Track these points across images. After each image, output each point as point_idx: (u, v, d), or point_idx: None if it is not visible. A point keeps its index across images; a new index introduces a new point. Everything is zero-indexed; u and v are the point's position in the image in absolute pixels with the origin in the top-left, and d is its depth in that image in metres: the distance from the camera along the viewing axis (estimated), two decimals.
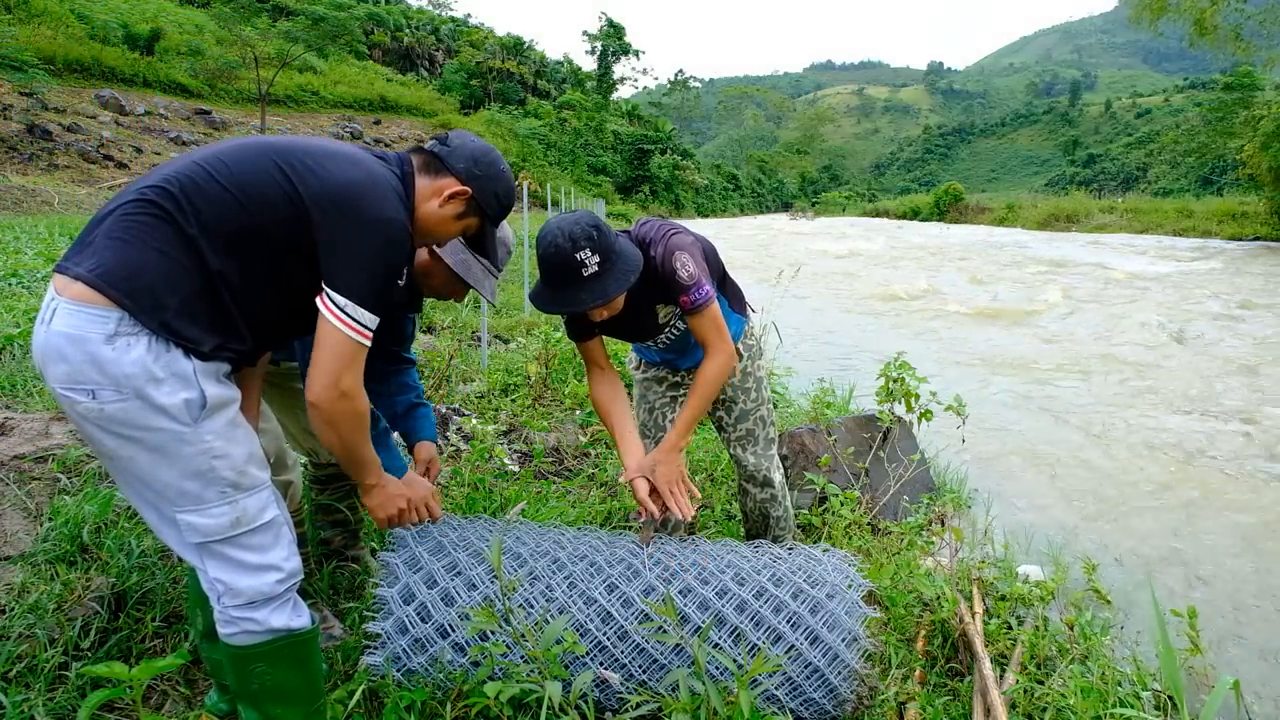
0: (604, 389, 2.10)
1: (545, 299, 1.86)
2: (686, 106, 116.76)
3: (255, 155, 1.35)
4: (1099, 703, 1.88)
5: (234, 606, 1.36)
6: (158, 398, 1.23)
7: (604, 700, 1.73)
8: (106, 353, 1.20)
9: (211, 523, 1.32)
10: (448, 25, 62.76)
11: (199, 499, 1.30)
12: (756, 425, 2.38)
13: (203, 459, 1.29)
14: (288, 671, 1.43)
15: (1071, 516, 3.85)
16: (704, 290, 1.94)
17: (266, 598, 1.37)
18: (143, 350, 1.22)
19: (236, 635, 1.38)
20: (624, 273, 1.83)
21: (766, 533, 2.49)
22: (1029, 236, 29.21)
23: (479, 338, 6.09)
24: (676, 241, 1.95)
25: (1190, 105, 77.59)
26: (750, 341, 2.37)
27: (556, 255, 1.78)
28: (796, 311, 10.59)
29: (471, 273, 1.94)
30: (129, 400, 1.22)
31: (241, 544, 1.35)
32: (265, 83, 28.13)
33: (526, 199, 8.85)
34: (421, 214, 1.53)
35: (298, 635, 1.42)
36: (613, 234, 1.86)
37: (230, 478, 1.32)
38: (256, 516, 1.36)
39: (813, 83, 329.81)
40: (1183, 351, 7.80)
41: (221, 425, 1.32)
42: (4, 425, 2.68)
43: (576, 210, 1.89)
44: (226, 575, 1.35)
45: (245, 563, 1.36)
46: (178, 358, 1.26)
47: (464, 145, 1.57)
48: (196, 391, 1.27)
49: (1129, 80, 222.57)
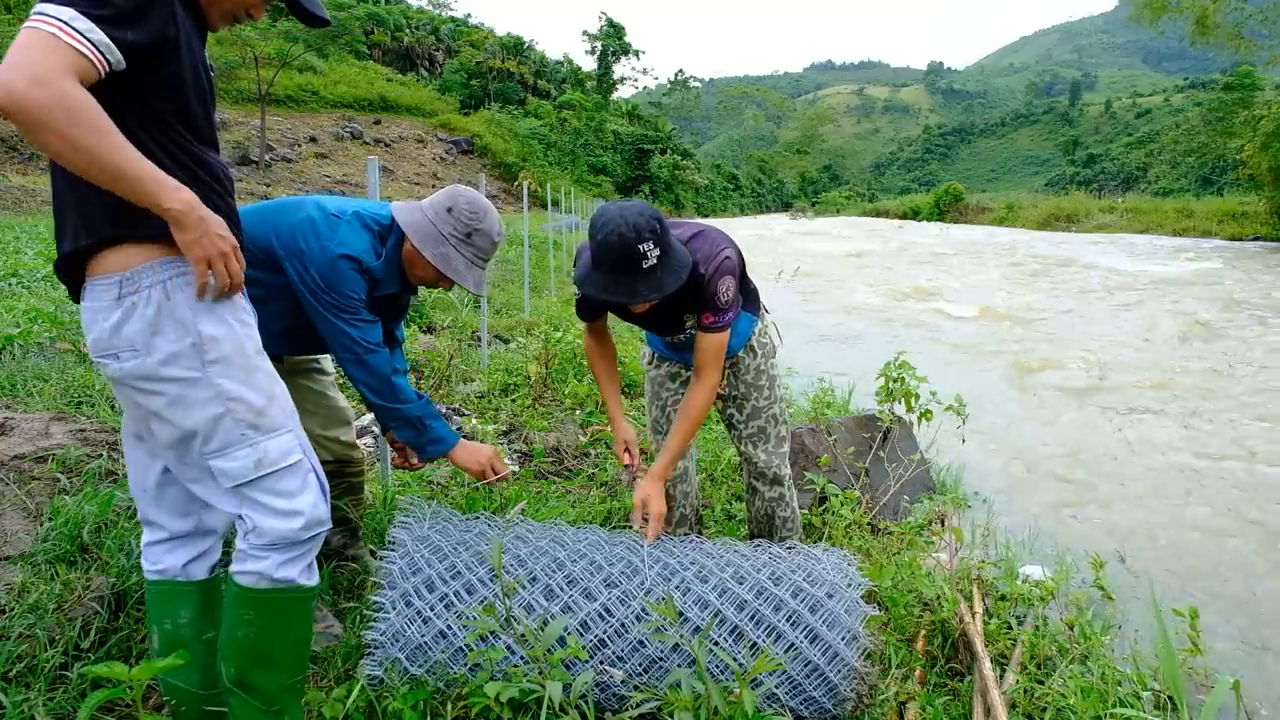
0: (598, 347, 2.30)
1: (599, 285, 1.83)
2: (686, 106, 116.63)
3: None
4: (1099, 703, 1.88)
5: (256, 545, 1.38)
6: (164, 346, 1.29)
7: (604, 700, 1.73)
8: (116, 315, 1.28)
9: (236, 465, 1.35)
10: (448, 25, 62.77)
11: (222, 442, 1.34)
12: (769, 423, 2.38)
13: (218, 402, 1.32)
14: (277, 631, 1.43)
15: (1072, 516, 3.85)
16: (727, 318, 2.00)
17: (289, 542, 1.39)
18: (144, 305, 1.28)
19: (244, 574, 1.39)
20: (678, 269, 1.84)
21: (772, 535, 2.46)
22: (1029, 236, 29.21)
23: (479, 338, 6.10)
24: (727, 265, 1.97)
25: (1190, 105, 77.62)
26: (764, 339, 2.37)
27: (621, 243, 1.74)
28: (797, 311, 10.59)
29: (452, 265, 1.92)
30: (141, 355, 1.29)
31: (266, 487, 1.38)
32: (265, 82, 28.15)
33: (527, 198, 8.85)
34: None
35: (303, 590, 1.44)
36: (669, 229, 1.87)
37: (249, 419, 1.35)
38: (280, 459, 1.38)
39: (813, 83, 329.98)
40: (1184, 352, 7.81)
41: (235, 369, 1.34)
42: (4, 425, 2.68)
43: (631, 200, 1.87)
44: (257, 515, 1.38)
45: (272, 507, 1.38)
46: (178, 305, 1.29)
47: None
48: (195, 334, 1.30)
49: (1129, 80, 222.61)
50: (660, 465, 2.04)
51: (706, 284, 1.96)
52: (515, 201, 32.50)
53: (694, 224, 2.09)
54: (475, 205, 1.95)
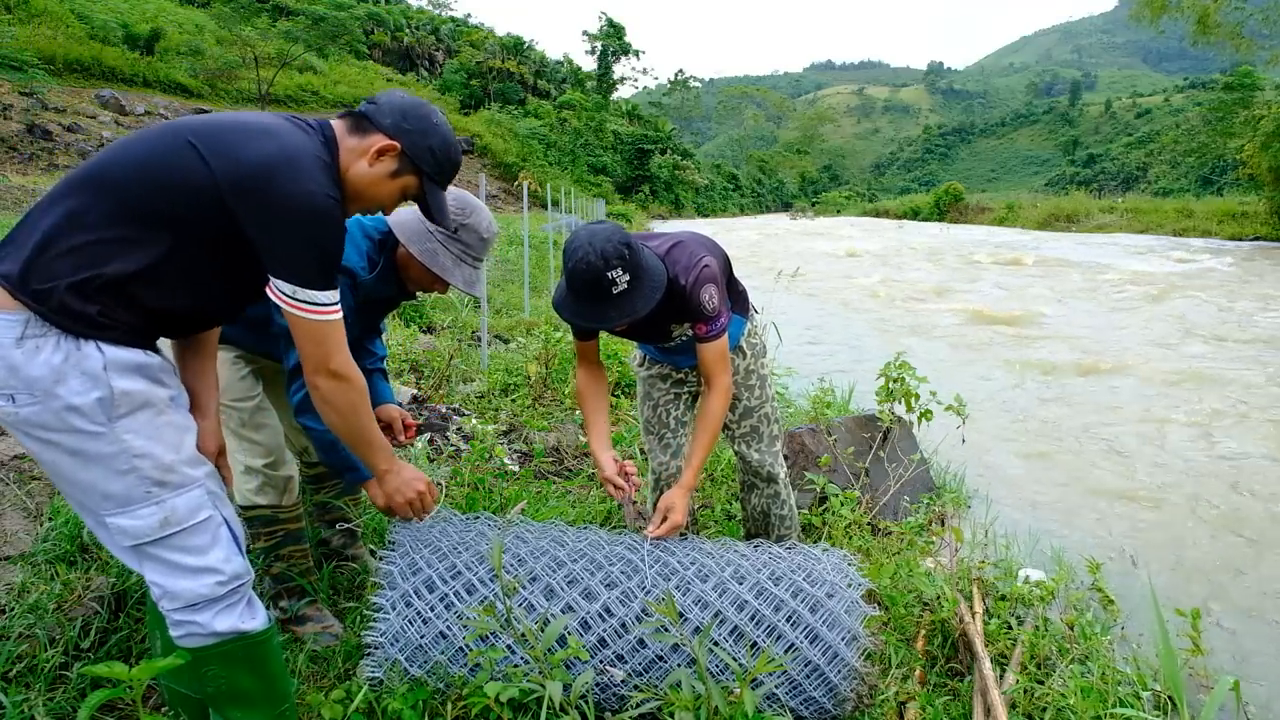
0: (590, 383, 2.22)
1: (572, 310, 1.89)
2: (686, 106, 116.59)
3: (170, 137, 1.29)
4: (1099, 703, 1.88)
5: (174, 610, 1.33)
6: (67, 397, 1.21)
7: (604, 700, 1.73)
8: (16, 356, 1.19)
9: (139, 524, 1.28)
10: (448, 25, 62.77)
11: (124, 500, 1.27)
12: (761, 422, 2.40)
13: (122, 459, 1.25)
14: (243, 674, 1.39)
15: (1072, 516, 3.84)
16: (720, 323, 2.02)
17: (207, 600, 1.33)
18: (49, 350, 1.20)
19: (184, 638, 1.35)
20: (651, 290, 1.87)
21: (769, 533, 2.49)
22: (1030, 236, 29.20)
23: (479, 338, 6.10)
24: (707, 274, 1.99)
25: (1190, 105, 77.61)
26: (754, 340, 2.40)
27: (588, 272, 1.77)
28: (797, 311, 10.59)
29: (438, 260, 1.90)
30: (41, 402, 1.21)
31: (174, 545, 1.31)
32: (265, 83, 28.15)
33: (526, 199, 8.86)
34: (351, 177, 1.44)
35: (249, 638, 1.38)
36: (641, 250, 1.89)
37: (155, 476, 1.28)
38: (188, 517, 1.31)
39: (813, 83, 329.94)
40: (1185, 352, 7.80)
41: (142, 423, 1.27)
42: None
43: (604, 222, 1.88)
44: (162, 578, 1.31)
45: (180, 565, 1.31)
46: (88, 356, 1.22)
47: (391, 100, 1.49)
48: (106, 389, 1.23)
49: (1129, 80, 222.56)
50: (688, 476, 2.05)
51: (689, 295, 1.97)
52: (515, 201, 32.47)
53: (672, 234, 2.11)
54: (461, 201, 1.95)
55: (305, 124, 1.42)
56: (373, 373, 2.13)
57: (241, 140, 1.30)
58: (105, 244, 1.23)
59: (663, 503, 2.00)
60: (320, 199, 1.32)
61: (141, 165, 1.26)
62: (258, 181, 1.27)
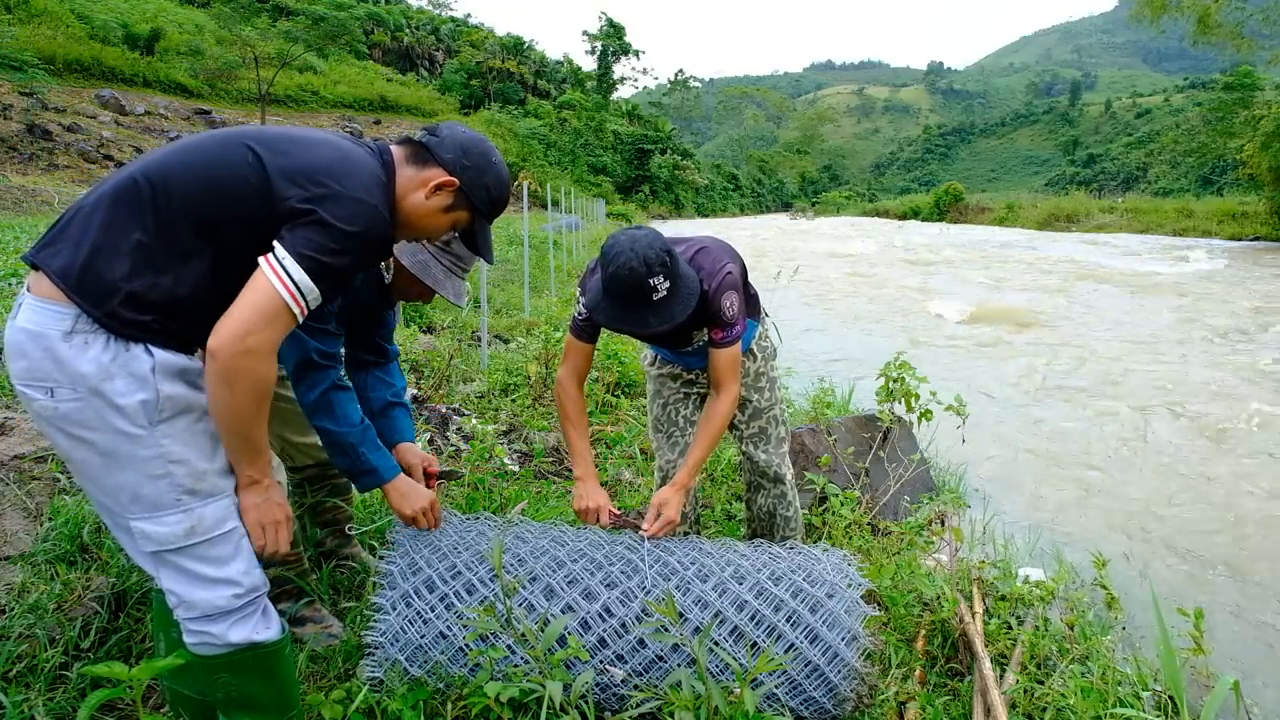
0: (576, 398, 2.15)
1: (610, 314, 1.89)
2: (686, 106, 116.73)
3: (231, 143, 1.28)
4: (1099, 703, 1.88)
5: (190, 619, 1.32)
6: (112, 397, 1.19)
7: (604, 700, 1.73)
8: (63, 349, 1.18)
9: (165, 530, 1.26)
10: (448, 25, 62.81)
11: (153, 505, 1.25)
12: (770, 424, 2.42)
13: (157, 463, 1.24)
14: (254, 682, 1.39)
15: (1072, 516, 3.84)
16: (736, 331, 2.04)
17: (223, 612, 1.32)
18: (99, 349, 1.19)
19: (197, 646, 1.34)
20: (687, 297, 1.88)
21: (773, 534, 2.49)
22: (1030, 236, 29.21)
23: (479, 338, 6.10)
24: (730, 281, 2.00)
25: (1190, 105, 77.57)
26: (764, 343, 2.42)
27: (631, 278, 1.78)
28: (797, 311, 10.59)
29: (430, 273, 1.88)
30: (83, 399, 1.19)
31: (197, 555, 1.29)
32: (265, 83, 28.15)
33: (526, 199, 8.86)
34: (406, 206, 1.44)
35: (262, 648, 1.37)
36: (679, 258, 1.90)
37: (187, 484, 1.26)
38: (214, 527, 1.30)
39: (813, 83, 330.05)
40: (1185, 352, 7.80)
41: (181, 429, 1.26)
42: (4, 425, 2.68)
43: (641, 227, 1.88)
44: (180, 587, 1.30)
45: (200, 575, 1.30)
46: (136, 357, 1.21)
47: (454, 135, 1.49)
48: (152, 392, 1.22)
49: (1129, 80, 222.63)
50: (683, 475, 2.05)
51: (710, 300, 1.98)
52: (515, 202, 32.45)
53: (695, 239, 2.11)
54: None
55: (366, 144, 1.42)
56: (393, 407, 2.07)
57: (302, 148, 1.30)
58: (163, 253, 1.23)
59: (655, 500, 2.00)
60: (373, 210, 1.31)
61: (199, 170, 1.25)
62: (317, 176, 1.27)
